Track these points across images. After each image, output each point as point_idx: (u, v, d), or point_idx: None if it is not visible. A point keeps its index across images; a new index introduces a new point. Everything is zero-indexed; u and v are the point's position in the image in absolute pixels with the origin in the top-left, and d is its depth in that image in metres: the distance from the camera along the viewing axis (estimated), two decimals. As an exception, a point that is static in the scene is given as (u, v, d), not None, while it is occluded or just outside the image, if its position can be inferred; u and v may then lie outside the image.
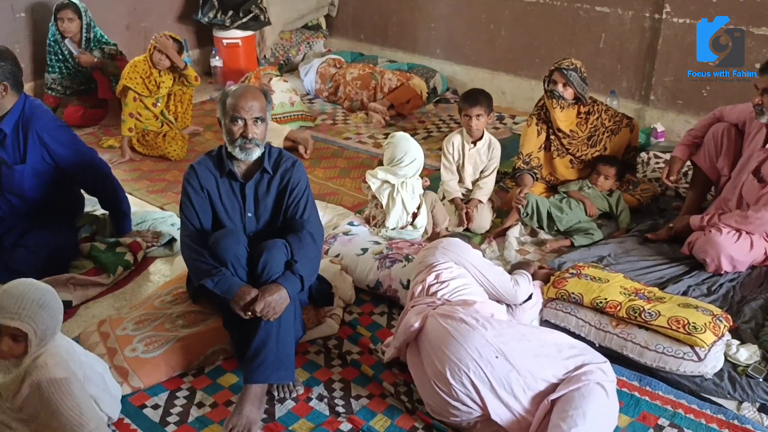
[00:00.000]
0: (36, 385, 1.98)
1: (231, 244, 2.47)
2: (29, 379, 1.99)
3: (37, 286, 2.08)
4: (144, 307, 2.86)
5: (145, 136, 4.59)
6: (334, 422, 2.37)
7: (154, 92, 4.54)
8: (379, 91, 5.37)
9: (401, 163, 3.34)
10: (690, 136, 3.45)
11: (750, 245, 3.04)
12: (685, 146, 3.43)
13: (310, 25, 6.67)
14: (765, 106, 2.98)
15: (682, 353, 2.49)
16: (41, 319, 2.02)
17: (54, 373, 2.00)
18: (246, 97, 2.53)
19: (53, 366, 2.01)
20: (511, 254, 3.36)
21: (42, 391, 1.98)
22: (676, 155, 3.42)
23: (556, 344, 2.32)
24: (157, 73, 4.50)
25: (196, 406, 2.47)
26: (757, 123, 3.12)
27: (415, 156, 3.36)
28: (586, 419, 2.07)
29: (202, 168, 2.64)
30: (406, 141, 3.39)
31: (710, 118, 3.43)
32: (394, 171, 3.36)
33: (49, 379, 1.99)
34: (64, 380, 2.02)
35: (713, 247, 3.03)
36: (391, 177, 3.37)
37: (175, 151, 4.56)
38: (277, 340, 2.38)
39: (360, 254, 3.14)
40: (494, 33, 5.49)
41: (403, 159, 3.34)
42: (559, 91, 3.60)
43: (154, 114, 4.63)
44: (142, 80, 4.48)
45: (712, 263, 3.05)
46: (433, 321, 2.37)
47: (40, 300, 2.03)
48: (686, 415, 2.37)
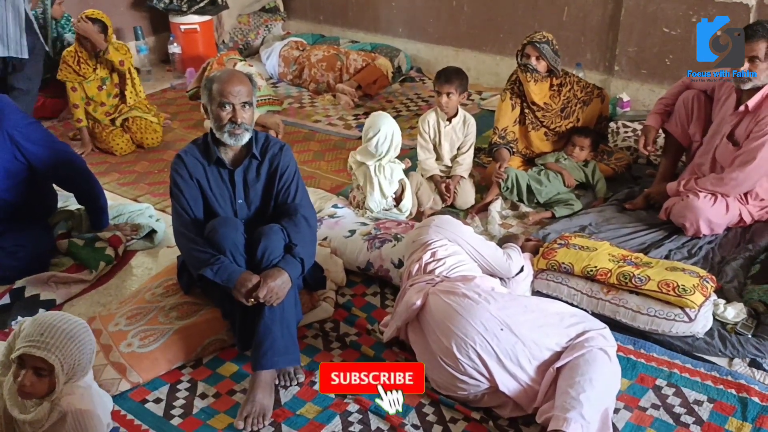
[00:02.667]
0: (63, 414, 1.94)
1: (229, 232, 2.44)
2: (57, 408, 1.95)
3: (68, 318, 2.00)
4: (134, 302, 2.80)
5: (93, 129, 4.45)
6: (341, 404, 2.38)
7: (89, 74, 4.32)
8: (345, 73, 5.33)
9: (370, 140, 3.32)
10: (661, 104, 3.52)
11: (726, 208, 3.14)
12: (657, 114, 3.50)
13: (268, 8, 6.55)
14: (753, 71, 2.98)
15: (674, 315, 2.57)
16: (69, 353, 1.93)
17: (81, 404, 1.97)
18: (233, 82, 2.49)
19: (80, 396, 1.98)
20: (494, 228, 3.40)
21: (67, 420, 1.94)
22: (650, 124, 3.49)
23: (558, 313, 2.36)
24: (86, 55, 4.28)
25: (199, 397, 2.45)
26: (727, 88, 3.20)
27: (385, 132, 3.30)
28: (594, 384, 2.12)
29: (189, 157, 2.59)
30: (377, 117, 3.37)
31: (679, 86, 3.51)
32: (367, 149, 3.35)
33: (75, 410, 1.95)
34: (88, 412, 1.99)
35: (691, 211, 3.12)
36: (367, 157, 3.36)
37: (151, 140, 4.47)
38: (282, 325, 2.37)
39: (348, 236, 3.13)
40: (456, 9, 5.49)
41: (369, 134, 3.32)
42: (533, 65, 3.63)
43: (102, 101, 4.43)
44: (73, 67, 4.28)
45: (691, 227, 3.14)
46: (435, 298, 2.38)
47: (70, 332, 1.95)
48: (682, 375, 2.45)
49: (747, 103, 3.07)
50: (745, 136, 3.10)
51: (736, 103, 3.16)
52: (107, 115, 4.46)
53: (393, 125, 3.35)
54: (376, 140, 3.28)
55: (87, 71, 4.29)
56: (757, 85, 3.01)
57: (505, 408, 2.29)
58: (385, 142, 3.30)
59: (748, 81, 3.01)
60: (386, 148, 3.33)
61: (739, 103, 3.13)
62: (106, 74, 4.36)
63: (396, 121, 3.19)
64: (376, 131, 3.28)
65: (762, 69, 2.94)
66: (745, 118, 3.12)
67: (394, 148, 3.37)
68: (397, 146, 3.39)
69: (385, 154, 3.33)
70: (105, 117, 4.46)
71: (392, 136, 3.33)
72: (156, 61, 6.18)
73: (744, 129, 3.10)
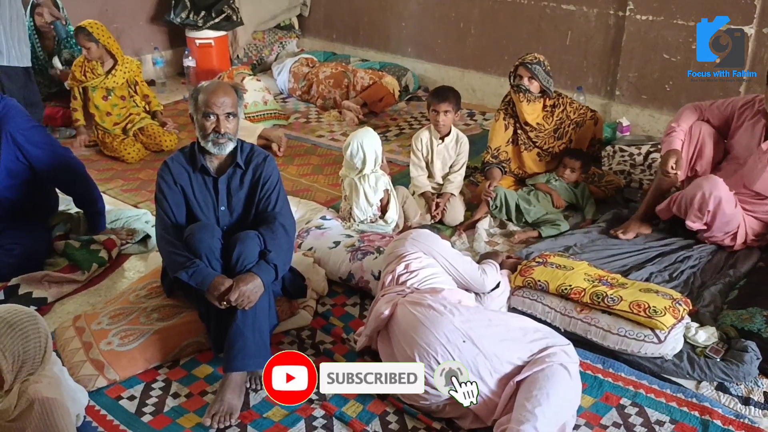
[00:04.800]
0: (29, 402, 2.00)
1: (205, 237, 2.52)
2: (25, 395, 2.02)
3: (14, 309, 2.08)
4: (119, 302, 2.89)
5: (104, 138, 4.60)
6: (308, 409, 2.43)
7: (92, 78, 4.50)
8: (352, 90, 5.44)
9: (345, 153, 3.41)
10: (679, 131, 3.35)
11: (735, 205, 3.13)
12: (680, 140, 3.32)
13: (283, 25, 6.72)
14: None
15: (643, 336, 2.59)
16: (10, 342, 2.00)
17: (48, 393, 2.03)
18: (217, 93, 2.58)
19: (47, 385, 2.05)
20: (480, 246, 3.45)
21: (34, 408, 2.01)
22: (675, 148, 3.28)
23: (522, 328, 2.40)
24: (93, 63, 4.49)
25: (171, 396, 2.52)
26: (749, 114, 3.19)
27: (357, 144, 3.36)
28: (550, 399, 2.14)
29: (175, 164, 2.69)
30: (355, 134, 3.44)
31: (693, 112, 3.38)
32: (349, 165, 3.43)
33: (42, 397, 2.02)
34: (54, 401, 2.05)
35: (710, 181, 3.07)
36: (350, 171, 3.45)
37: (169, 142, 4.68)
38: (254, 329, 2.44)
39: (332, 247, 3.20)
40: (464, 31, 5.58)
41: (344, 149, 3.42)
42: (525, 85, 3.69)
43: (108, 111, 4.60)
44: (77, 76, 4.51)
45: (701, 199, 3.07)
46: (402, 308, 2.44)
47: (12, 321, 2.03)
48: (647, 395, 2.46)
49: None
50: None
51: (765, 131, 3.14)
52: (115, 125, 4.62)
53: (366, 138, 3.39)
54: (348, 153, 3.38)
55: (92, 79, 4.47)
56: None
57: (466, 419, 2.33)
58: (357, 155, 3.36)
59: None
60: (359, 160, 3.39)
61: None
62: (114, 85, 4.52)
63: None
64: (348, 145, 3.39)
65: None
66: None
67: (372, 160, 3.41)
68: (374, 158, 3.41)
69: (362, 166, 3.40)
70: (114, 127, 4.61)
71: (363, 148, 3.37)
72: (172, 74, 6.36)
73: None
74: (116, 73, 4.51)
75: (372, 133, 3.44)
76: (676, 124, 3.36)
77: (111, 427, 2.37)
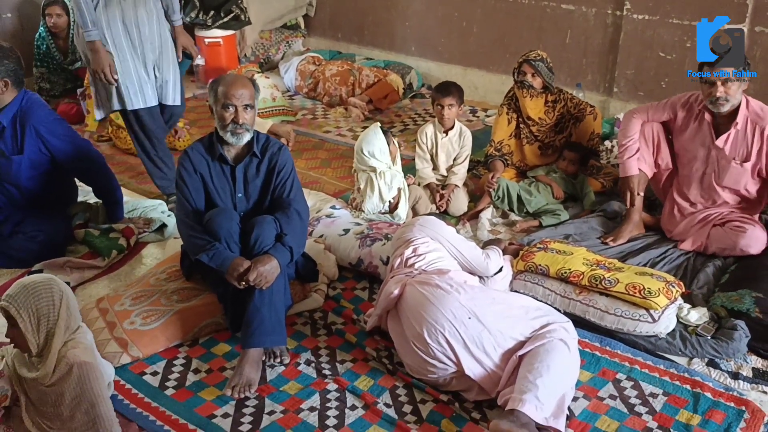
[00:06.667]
0: (69, 367, 2.13)
1: (224, 221, 2.66)
2: (64, 360, 2.14)
3: (35, 276, 2.21)
4: (140, 285, 3.04)
5: (118, 134, 4.73)
6: (321, 383, 2.58)
7: None
8: (358, 87, 5.59)
9: (359, 153, 3.57)
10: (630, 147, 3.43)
11: None
12: (632, 159, 3.42)
13: (289, 25, 6.87)
14: (729, 94, 3.09)
15: (638, 315, 2.74)
16: (25, 301, 2.11)
17: (85, 357, 2.16)
18: (236, 86, 2.73)
19: (83, 350, 2.18)
20: (483, 234, 3.59)
21: (72, 372, 2.13)
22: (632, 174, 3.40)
23: (524, 306, 2.54)
24: None
25: (192, 372, 2.66)
26: (693, 114, 3.31)
27: (362, 153, 3.54)
28: (550, 370, 2.29)
29: (194, 153, 2.83)
30: (365, 134, 3.61)
31: (636, 123, 3.45)
32: (361, 163, 3.59)
33: (81, 362, 2.14)
34: (90, 365, 2.17)
35: (758, 240, 3.19)
36: (361, 165, 3.60)
37: (184, 142, 4.75)
38: (270, 307, 2.58)
39: (342, 234, 3.35)
40: (466, 30, 5.74)
41: (358, 149, 3.58)
42: (529, 81, 3.85)
43: None
44: None
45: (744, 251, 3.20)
46: (411, 288, 2.58)
47: (28, 285, 2.14)
48: (641, 370, 2.61)
49: (737, 121, 3.18)
50: (748, 151, 3.21)
51: (712, 127, 3.28)
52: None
53: (365, 143, 3.55)
54: (362, 153, 3.55)
55: None
56: (734, 105, 3.16)
57: (471, 392, 2.47)
58: (361, 158, 3.54)
59: (726, 103, 3.13)
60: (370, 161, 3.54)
61: (716, 125, 3.28)
62: None
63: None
64: (359, 144, 3.57)
65: (735, 89, 3.10)
66: (737, 137, 3.22)
67: (378, 159, 3.56)
68: (378, 155, 3.55)
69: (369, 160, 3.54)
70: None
71: (362, 153, 3.54)
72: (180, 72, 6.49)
73: (741, 146, 3.21)
74: None
75: (376, 133, 3.57)
76: (627, 139, 3.43)
77: (136, 399, 2.52)
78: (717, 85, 3.08)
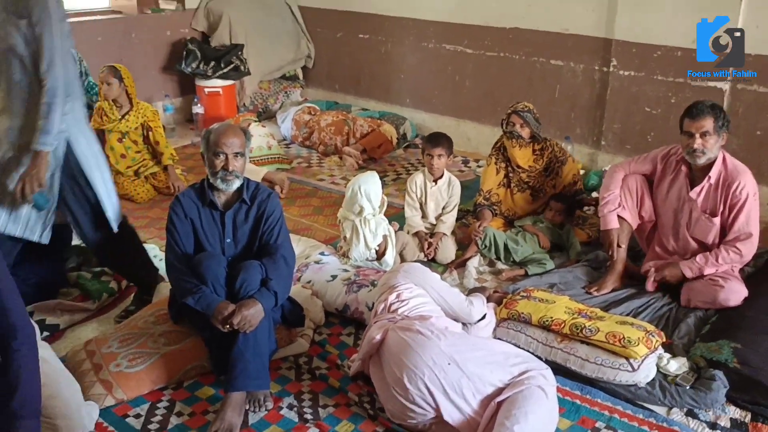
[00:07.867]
0: None
1: (211, 265, 2.73)
2: None
3: None
4: (128, 328, 3.07)
5: (116, 179, 4.80)
6: (303, 428, 2.60)
7: (107, 122, 4.71)
8: (352, 137, 5.71)
9: (349, 197, 3.63)
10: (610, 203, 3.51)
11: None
12: (612, 213, 3.48)
13: (288, 76, 7.05)
14: (706, 147, 3.19)
15: (618, 364, 2.77)
16: None
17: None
18: (227, 134, 2.83)
19: None
20: (470, 282, 3.65)
21: None
22: (612, 228, 3.47)
23: (503, 353, 2.59)
24: (108, 106, 4.70)
25: (175, 415, 2.68)
26: (671, 166, 3.41)
27: (351, 188, 3.60)
28: (528, 417, 2.32)
29: (186, 199, 2.91)
30: (356, 178, 3.68)
31: (618, 175, 3.54)
32: (349, 206, 3.65)
33: None
34: None
35: (736, 293, 3.23)
36: (349, 213, 3.66)
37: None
38: (254, 352, 2.62)
39: (330, 280, 3.40)
40: (459, 84, 5.90)
41: (349, 191, 3.63)
42: (518, 131, 3.97)
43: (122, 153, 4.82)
44: (96, 119, 4.71)
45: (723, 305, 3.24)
46: (393, 334, 2.62)
47: None
48: (621, 419, 2.63)
49: (710, 175, 3.29)
50: (717, 206, 3.29)
51: (688, 179, 3.38)
52: (128, 167, 4.86)
53: (363, 182, 3.61)
54: (350, 193, 3.62)
55: (106, 119, 4.72)
56: (711, 158, 3.26)
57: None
58: (353, 197, 3.59)
59: (702, 156, 3.24)
60: (354, 202, 3.60)
61: (692, 178, 3.37)
62: (127, 129, 4.76)
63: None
64: (351, 186, 3.63)
65: (712, 143, 3.20)
66: (709, 191, 3.33)
67: (369, 202, 3.62)
68: (375, 202, 3.63)
69: (359, 207, 3.61)
70: (127, 169, 4.85)
71: (364, 191, 3.59)
72: (181, 120, 6.66)
73: (711, 200, 3.31)
74: (129, 118, 4.76)
75: (375, 177, 3.67)
76: (608, 192, 3.50)
77: (118, 442, 2.54)
78: (695, 137, 3.18)
